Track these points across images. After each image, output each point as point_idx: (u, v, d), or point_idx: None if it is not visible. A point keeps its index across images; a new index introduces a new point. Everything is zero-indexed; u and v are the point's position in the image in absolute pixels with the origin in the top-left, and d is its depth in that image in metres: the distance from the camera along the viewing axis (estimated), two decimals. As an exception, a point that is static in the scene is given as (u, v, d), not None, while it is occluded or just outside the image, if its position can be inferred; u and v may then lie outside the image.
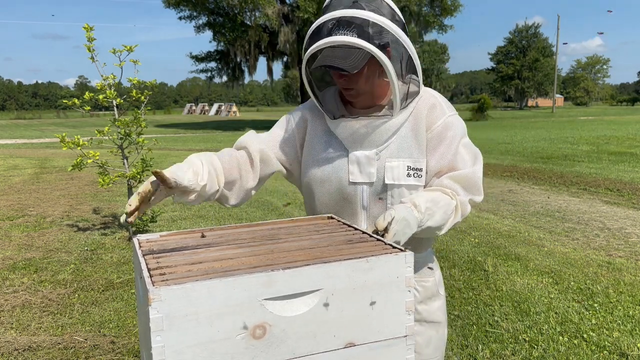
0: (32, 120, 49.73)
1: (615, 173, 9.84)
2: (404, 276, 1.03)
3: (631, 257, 4.75)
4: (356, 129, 1.41)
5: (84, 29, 5.07)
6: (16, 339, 3.15)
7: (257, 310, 0.91)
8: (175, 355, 0.87)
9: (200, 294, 0.87)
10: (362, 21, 1.29)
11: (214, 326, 0.89)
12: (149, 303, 0.83)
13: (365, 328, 1.02)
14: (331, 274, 0.97)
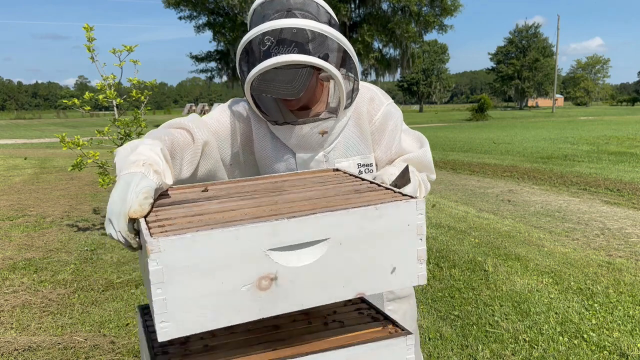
0: (32, 120, 49.74)
1: (616, 173, 9.84)
2: (415, 224, 0.99)
3: (631, 257, 4.75)
4: (303, 134, 1.38)
5: (84, 29, 5.07)
6: (16, 339, 3.15)
7: (262, 261, 0.87)
8: (177, 309, 0.83)
9: (201, 244, 0.83)
10: (305, 33, 1.21)
11: (217, 278, 0.85)
12: (148, 254, 0.80)
13: (375, 278, 0.98)
14: (339, 223, 0.92)
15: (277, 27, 1.19)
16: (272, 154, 1.43)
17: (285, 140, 1.41)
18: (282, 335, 1.18)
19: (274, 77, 1.21)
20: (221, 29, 33.92)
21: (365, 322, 1.26)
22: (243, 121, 1.42)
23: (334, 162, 1.42)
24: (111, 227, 0.97)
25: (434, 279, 4.25)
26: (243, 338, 1.17)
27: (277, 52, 1.19)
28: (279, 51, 1.19)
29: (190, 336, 1.18)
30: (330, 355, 1.07)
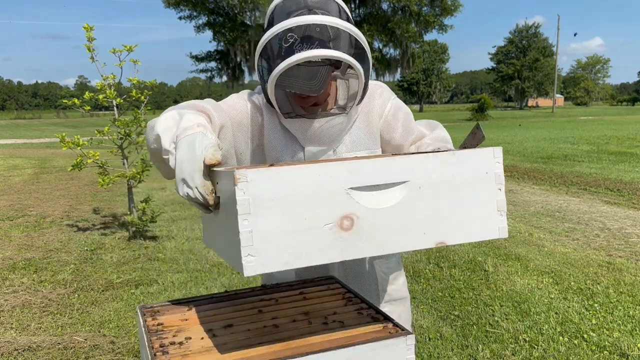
0: (32, 120, 49.75)
1: (616, 173, 9.84)
2: (494, 172, 0.99)
3: (631, 257, 4.75)
4: (315, 127, 1.40)
5: (84, 29, 5.07)
6: (16, 339, 3.15)
7: (344, 200, 0.88)
8: (263, 243, 0.84)
9: (286, 178, 0.85)
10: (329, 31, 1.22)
11: (301, 214, 0.86)
12: (235, 183, 0.82)
13: (455, 227, 0.98)
14: (418, 166, 0.93)
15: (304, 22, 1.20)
16: (281, 147, 1.45)
17: (297, 133, 1.42)
18: (282, 335, 1.18)
19: (297, 74, 1.22)
20: (221, 28, 33.93)
21: (365, 322, 1.26)
22: (256, 111, 1.44)
23: (342, 155, 1.44)
24: (184, 186, 0.98)
25: (434, 279, 4.25)
26: (243, 338, 1.17)
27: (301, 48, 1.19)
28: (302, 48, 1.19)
29: (191, 336, 1.18)
30: (330, 355, 1.07)
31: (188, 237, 5.52)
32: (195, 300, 1.42)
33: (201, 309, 1.37)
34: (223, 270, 4.49)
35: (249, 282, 4.21)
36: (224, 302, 1.41)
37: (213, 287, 4.07)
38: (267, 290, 1.49)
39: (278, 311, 1.34)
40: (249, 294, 1.48)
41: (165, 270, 4.48)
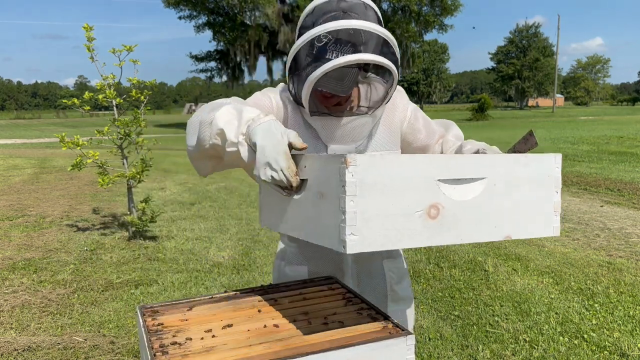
0: (31, 120, 49.75)
1: (616, 173, 9.84)
2: (554, 176, 1.10)
3: (631, 257, 4.75)
4: (340, 126, 1.44)
5: (84, 29, 5.07)
6: (16, 339, 3.15)
7: (433, 190, 0.98)
8: (364, 223, 0.91)
9: (388, 165, 0.93)
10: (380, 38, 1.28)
11: (398, 200, 0.94)
12: (347, 165, 0.89)
13: (520, 223, 1.08)
14: (495, 164, 1.04)
15: (348, 27, 1.25)
16: None
17: (321, 131, 1.46)
18: (282, 335, 1.18)
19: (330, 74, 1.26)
20: (221, 28, 33.94)
21: (365, 322, 1.26)
22: (282, 108, 1.47)
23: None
24: (268, 169, 1.04)
25: (434, 279, 4.24)
26: (243, 338, 1.17)
27: (339, 51, 1.24)
28: (342, 51, 1.24)
29: (191, 336, 1.18)
30: (330, 355, 1.07)
31: (188, 237, 5.52)
32: (195, 300, 1.42)
33: (201, 309, 1.37)
34: (223, 270, 4.49)
35: (249, 282, 4.21)
36: (224, 302, 1.41)
37: (213, 287, 4.07)
38: (267, 290, 1.49)
39: (278, 311, 1.34)
40: (249, 294, 1.47)
41: (165, 270, 4.48)
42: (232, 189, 8.45)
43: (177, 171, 10.53)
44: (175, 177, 9.76)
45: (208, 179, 9.58)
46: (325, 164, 0.98)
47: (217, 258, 4.85)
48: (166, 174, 10.13)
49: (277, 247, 1.66)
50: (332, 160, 0.94)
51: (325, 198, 0.97)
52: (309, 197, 1.03)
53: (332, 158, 0.95)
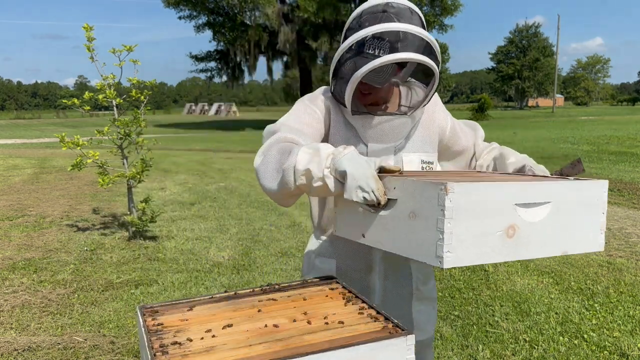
0: (31, 120, 49.75)
1: (616, 173, 9.84)
2: (602, 200, 1.25)
3: (631, 257, 4.75)
4: (379, 125, 1.52)
5: (84, 29, 5.07)
6: (16, 339, 3.15)
7: (511, 212, 1.12)
8: (458, 242, 1.05)
9: (478, 192, 1.08)
10: (427, 42, 1.37)
11: (484, 221, 1.08)
12: (446, 192, 1.03)
13: (574, 239, 1.24)
14: (557, 190, 1.19)
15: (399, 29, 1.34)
16: (345, 143, 1.54)
17: (361, 130, 1.54)
18: (282, 335, 1.18)
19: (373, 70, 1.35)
20: (221, 28, 33.94)
21: (365, 322, 1.26)
22: (326, 114, 1.56)
23: (402, 155, 1.57)
24: (360, 191, 1.17)
25: (434, 278, 4.24)
26: (243, 338, 1.17)
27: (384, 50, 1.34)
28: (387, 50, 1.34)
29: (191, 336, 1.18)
30: (330, 355, 1.07)
31: (188, 237, 5.52)
32: (195, 300, 1.42)
33: (201, 309, 1.37)
34: (223, 270, 4.49)
35: (249, 282, 4.21)
36: (224, 302, 1.41)
37: (213, 287, 4.07)
38: (267, 290, 1.49)
39: (278, 311, 1.34)
40: (249, 294, 1.47)
41: (165, 270, 4.48)
42: (232, 189, 8.45)
43: (177, 171, 10.53)
44: (175, 177, 9.76)
45: (208, 179, 9.58)
46: (422, 189, 1.11)
47: (217, 258, 4.85)
48: (166, 174, 10.13)
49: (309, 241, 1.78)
50: (431, 186, 1.08)
51: (420, 218, 1.12)
52: (398, 215, 1.17)
53: (431, 184, 1.08)
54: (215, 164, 12.04)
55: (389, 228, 1.21)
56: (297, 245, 5.23)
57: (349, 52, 1.39)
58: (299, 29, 33.12)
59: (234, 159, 13.48)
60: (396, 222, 1.18)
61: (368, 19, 1.40)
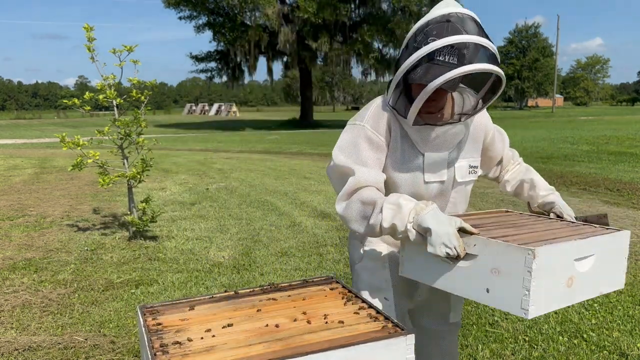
0: (32, 120, 49.73)
1: (615, 173, 9.84)
2: (626, 246, 1.51)
3: (631, 257, 4.75)
4: (438, 134, 1.58)
5: (84, 29, 5.07)
6: (16, 338, 3.15)
7: (571, 266, 1.35)
8: (538, 297, 1.26)
9: (551, 253, 1.28)
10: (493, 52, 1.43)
11: (555, 276, 1.31)
12: (534, 257, 1.23)
13: (606, 280, 1.48)
14: (599, 243, 1.43)
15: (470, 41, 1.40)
16: (402, 155, 1.62)
17: (419, 140, 1.60)
18: (282, 335, 1.18)
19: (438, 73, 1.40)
20: (221, 29, 33.91)
21: (365, 322, 1.26)
22: (387, 134, 1.61)
23: (454, 161, 1.67)
24: (443, 247, 1.34)
25: (434, 278, 4.24)
26: (243, 337, 1.18)
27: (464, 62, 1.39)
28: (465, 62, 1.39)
29: (191, 336, 1.19)
30: (330, 355, 1.07)
31: (188, 237, 5.52)
32: (195, 300, 1.43)
33: (201, 309, 1.37)
34: (223, 270, 4.50)
35: (249, 282, 4.22)
36: (224, 302, 1.41)
37: (213, 287, 4.08)
38: (267, 290, 1.49)
39: (278, 311, 1.35)
40: (249, 293, 1.48)
41: (165, 270, 4.49)
42: (232, 189, 8.45)
43: (178, 171, 10.53)
44: (176, 177, 9.76)
45: (208, 179, 9.58)
46: (508, 251, 1.29)
47: (218, 258, 4.86)
48: (166, 174, 10.13)
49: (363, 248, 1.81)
50: (519, 250, 1.26)
51: (503, 275, 1.30)
52: (478, 269, 1.36)
53: (518, 249, 1.26)
54: (216, 164, 12.04)
55: (465, 278, 1.39)
56: (297, 245, 5.24)
57: (421, 63, 1.42)
58: (299, 29, 33.10)
59: (234, 159, 13.49)
60: (475, 274, 1.36)
61: (435, 28, 1.42)
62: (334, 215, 6.55)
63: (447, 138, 1.60)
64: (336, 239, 5.48)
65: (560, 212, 1.74)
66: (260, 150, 17.03)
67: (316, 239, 5.48)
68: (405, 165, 1.62)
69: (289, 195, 7.93)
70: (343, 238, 5.49)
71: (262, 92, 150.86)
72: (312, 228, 5.92)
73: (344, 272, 4.42)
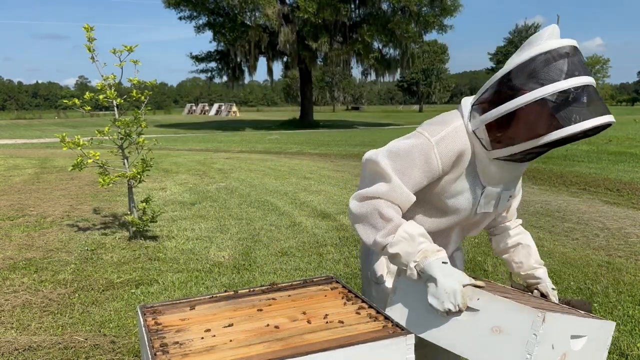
0: (32, 120, 49.73)
1: (615, 173, 9.84)
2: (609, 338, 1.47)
3: (631, 257, 4.75)
4: (507, 170, 1.48)
5: (84, 29, 5.07)
6: (16, 338, 3.15)
7: (567, 342, 1.30)
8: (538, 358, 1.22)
9: (560, 323, 1.26)
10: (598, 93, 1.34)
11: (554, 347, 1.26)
12: (543, 321, 1.19)
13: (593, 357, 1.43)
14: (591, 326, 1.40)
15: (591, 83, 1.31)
16: (461, 184, 1.50)
17: (485, 173, 1.48)
18: (282, 335, 1.19)
19: None
20: (221, 29, 33.91)
21: (365, 322, 1.26)
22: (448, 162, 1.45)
23: (501, 193, 1.56)
24: (447, 302, 1.26)
25: (434, 278, 4.24)
26: (243, 337, 1.18)
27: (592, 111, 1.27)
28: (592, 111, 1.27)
29: (191, 336, 1.19)
30: (330, 355, 1.08)
31: (188, 237, 5.53)
32: (195, 300, 1.43)
33: (201, 308, 1.37)
34: (223, 270, 4.50)
35: (249, 282, 4.22)
36: (224, 302, 1.42)
37: (213, 287, 4.08)
38: (267, 290, 1.49)
39: (278, 311, 1.35)
40: (249, 293, 1.48)
41: (165, 270, 4.49)
42: (233, 189, 8.45)
43: (178, 171, 10.53)
44: (176, 177, 9.76)
45: (208, 179, 9.58)
46: (516, 311, 1.24)
47: (218, 258, 4.86)
48: (166, 174, 10.13)
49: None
50: (528, 310, 1.22)
51: (505, 334, 1.24)
52: (476, 324, 1.29)
53: (528, 309, 1.22)
54: (216, 164, 12.04)
55: (460, 332, 1.31)
56: (297, 245, 5.24)
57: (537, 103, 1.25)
58: (299, 30, 33.10)
59: (234, 159, 13.49)
60: (472, 329, 1.29)
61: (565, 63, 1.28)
62: (334, 215, 6.55)
63: (513, 175, 1.52)
64: (336, 239, 5.48)
65: (545, 291, 1.67)
66: (261, 150, 17.03)
67: (316, 239, 5.49)
68: (461, 194, 1.50)
69: (289, 195, 7.93)
70: (343, 238, 5.50)
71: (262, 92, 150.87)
72: (312, 228, 5.92)
73: (344, 272, 4.42)
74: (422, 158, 1.41)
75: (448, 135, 1.42)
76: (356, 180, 9.54)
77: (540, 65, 1.27)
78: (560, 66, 1.27)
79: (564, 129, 1.23)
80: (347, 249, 5.12)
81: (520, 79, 1.28)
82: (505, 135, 1.34)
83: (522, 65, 1.29)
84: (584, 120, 1.23)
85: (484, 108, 1.37)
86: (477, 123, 1.38)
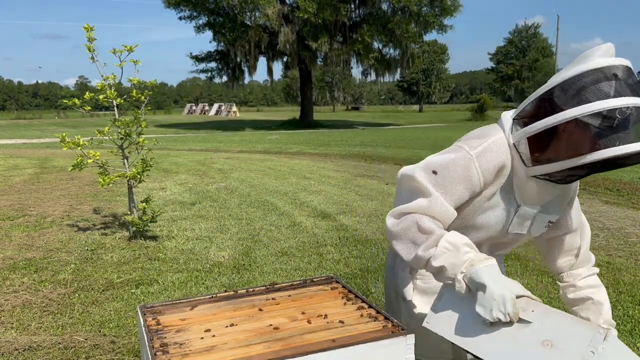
0: (32, 120, 49.73)
1: (615, 173, 9.84)
2: None
3: (631, 257, 4.75)
4: (550, 191, 1.42)
5: (84, 29, 5.07)
6: (16, 338, 3.15)
7: None
8: None
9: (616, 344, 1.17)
10: None
11: None
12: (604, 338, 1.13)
13: None
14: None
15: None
16: (496, 200, 1.44)
17: (521, 191, 1.42)
18: (282, 335, 1.19)
19: None
20: (221, 29, 33.92)
21: (365, 322, 1.26)
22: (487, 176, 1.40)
23: (537, 215, 1.48)
24: (496, 311, 1.19)
25: (434, 278, 4.25)
26: (243, 337, 1.18)
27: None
28: None
29: (191, 336, 1.19)
30: (330, 355, 1.08)
31: (188, 237, 5.53)
32: (195, 300, 1.43)
33: (201, 308, 1.38)
34: (223, 270, 4.50)
35: (249, 282, 4.22)
36: (224, 302, 1.42)
37: (213, 287, 4.08)
38: (267, 289, 1.49)
39: (278, 311, 1.35)
40: (249, 293, 1.48)
41: (165, 270, 4.49)
42: (233, 189, 8.45)
43: (178, 171, 10.53)
44: (176, 177, 9.76)
45: (208, 178, 9.57)
46: (574, 325, 1.19)
47: (218, 258, 4.86)
48: (166, 174, 10.13)
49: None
50: (588, 326, 1.17)
51: (558, 349, 1.17)
52: (526, 337, 1.21)
53: (589, 325, 1.18)
54: (216, 164, 12.04)
55: (507, 345, 1.23)
56: (297, 245, 5.24)
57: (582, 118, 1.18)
58: (299, 30, 33.11)
59: (234, 159, 13.49)
60: (521, 342, 1.21)
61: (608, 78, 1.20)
62: (334, 215, 6.55)
63: (550, 196, 1.45)
64: (336, 239, 5.48)
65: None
66: (260, 150, 17.03)
67: (316, 239, 5.49)
68: (495, 211, 1.45)
69: (289, 195, 7.93)
70: (343, 238, 5.50)
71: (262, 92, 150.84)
72: (312, 228, 5.92)
73: (344, 272, 4.42)
74: (462, 172, 1.37)
75: (489, 148, 1.37)
76: (356, 180, 9.54)
77: (590, 81, 1.22)
78: (610, 84, 1.20)
79: (607, 149, 1.16)
80: (347, 249, 5.12)
81: (568, 94, 1.23)
82: (547, 151, 1.28)
83: (570, 80, 1.25)
84: (629, 144, 1.14)
85: (526, 122, 1.31)
86: (520, 136, 1.33)
